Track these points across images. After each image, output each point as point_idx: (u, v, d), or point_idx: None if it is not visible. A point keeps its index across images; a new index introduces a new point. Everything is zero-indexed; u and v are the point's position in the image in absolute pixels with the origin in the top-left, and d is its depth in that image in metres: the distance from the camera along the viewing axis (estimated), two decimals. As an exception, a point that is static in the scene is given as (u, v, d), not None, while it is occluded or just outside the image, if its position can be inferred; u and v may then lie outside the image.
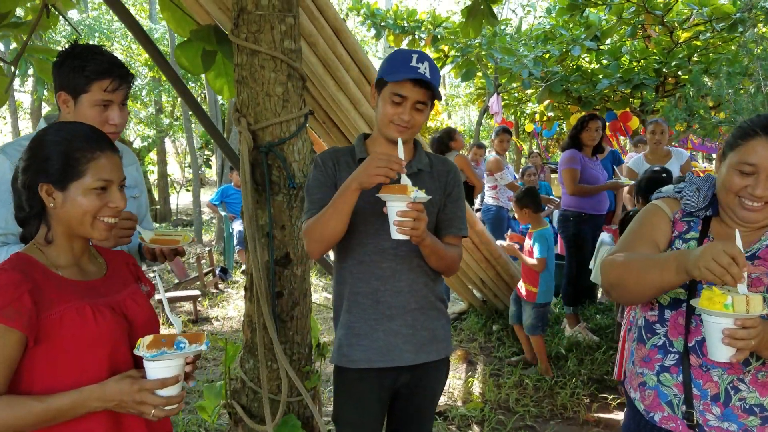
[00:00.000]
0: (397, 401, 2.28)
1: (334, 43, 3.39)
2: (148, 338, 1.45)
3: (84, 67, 2.05)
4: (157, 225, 13.95)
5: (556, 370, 4.69)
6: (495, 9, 4.82)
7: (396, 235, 1.88)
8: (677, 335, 1.77)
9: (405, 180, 1.89)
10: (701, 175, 2.28)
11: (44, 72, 3.75)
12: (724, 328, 1.49)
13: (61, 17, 3.88)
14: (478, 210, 7.37)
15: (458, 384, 4.57)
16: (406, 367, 2.19)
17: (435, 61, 9.65)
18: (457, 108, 27.28)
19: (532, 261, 4.57)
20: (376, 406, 2.20)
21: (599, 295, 6.53)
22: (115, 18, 12.47)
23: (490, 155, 7.28)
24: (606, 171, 5.85)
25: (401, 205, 1.84)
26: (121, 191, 1.56)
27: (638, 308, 1.94)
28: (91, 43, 2.23)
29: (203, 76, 3.89)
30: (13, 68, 3.24)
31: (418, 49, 2.12)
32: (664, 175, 3.98)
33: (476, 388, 4.52)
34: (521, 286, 4.77)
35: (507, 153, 7.31)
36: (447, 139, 6.55)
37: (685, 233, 1.86)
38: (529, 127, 15.50)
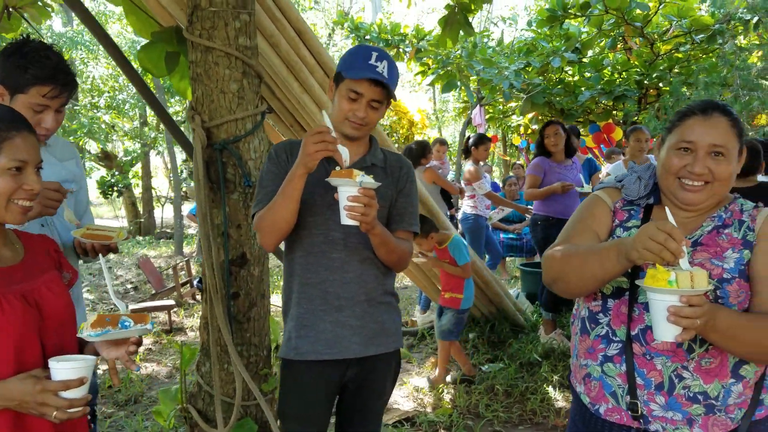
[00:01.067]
0: (344, 395, 2.25)
1: (297, 45, 3.38)
2: (92, 317, 1.43)
3: (27, 69, 2.01)
4: (140, 238, 13.89)
5: (528, 377, 4.64)
6: (475, 20, 4.85)
7: (346, 220, 1.87)
8: (620, 324, 1.74)
9: (345, 154, 1.91)
10: None
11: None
12: (669, 306, 1.44)
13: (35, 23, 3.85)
14: (452, 217, 7.35)
15: (429, 391, 4.52)
16: (354, 360, 2.16)
17: (419, 75, 9.67)
18: (447, 123, 27.41)
19: (458, 269, 4.61)
20: (322, 399, 2.17)
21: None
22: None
23: (468, 164, 7.25)
24: (583, 179, 5.86)
25: (352, 191, 1.83)
26: (37, 174, 1.52)
27: (582, 300, 1.91)
28: (55, 47, 2.18)
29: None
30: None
31: (379, 47, 2.13)
32: None
33: (447, 394, 4.47)
34: (445, 295, 4.76)
35: (486, 161, 7.30)
36: (419, 153, 6.54)
37: (626, 221, 1.84)
38: (517, 140, 15.57)
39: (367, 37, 10.83)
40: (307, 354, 2.12)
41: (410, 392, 4.51)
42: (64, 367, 1.42)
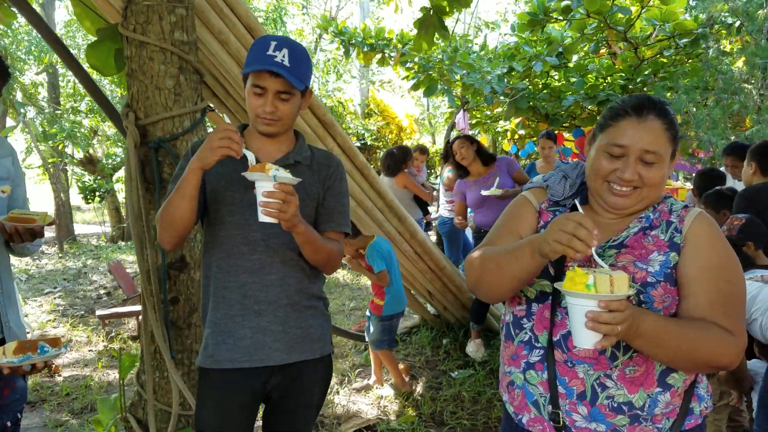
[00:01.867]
0: (269, 405, 2.14)
1: (247, 42, 3.28)
2: (12, 344, 1.43)
3: None
4: (122, 243, 13.75)
5: (497, 384, 4.53)
6: (459, 25, 4.76)
7: (263, 217, 1.76)
8: (542, 329, 1.64)
9: (250, 158, 1.80)
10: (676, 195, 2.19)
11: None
12: (587, 311, 1.34)
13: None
14: (428, 224, 7.24)
15: (394, 399, 4.40)
16: (277, 368, 2.05)
17: (404, 80, 9.54)
18: (440, 128, 27.34)
19: (373, 276, 4.45)
20: (238, 410, 2.05)
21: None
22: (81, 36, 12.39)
23: (448, 171, 7.13)
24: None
25: (267, 186, 1.72)
26: None
27: (507, 304, 1.81)
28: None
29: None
30: None
31: (282, 36, 2.01)
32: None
33: (413, 402, 4.36)
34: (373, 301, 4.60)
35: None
36: (401, 158, 6.44)
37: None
38: (507, 146, 15.48)
39: (352, 41, 10.74)
40: (225, 362, 2.01)
41: (375, 400, 4.40)
42: None
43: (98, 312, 6.24)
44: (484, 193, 4.89)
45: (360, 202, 4.39)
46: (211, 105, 2.82)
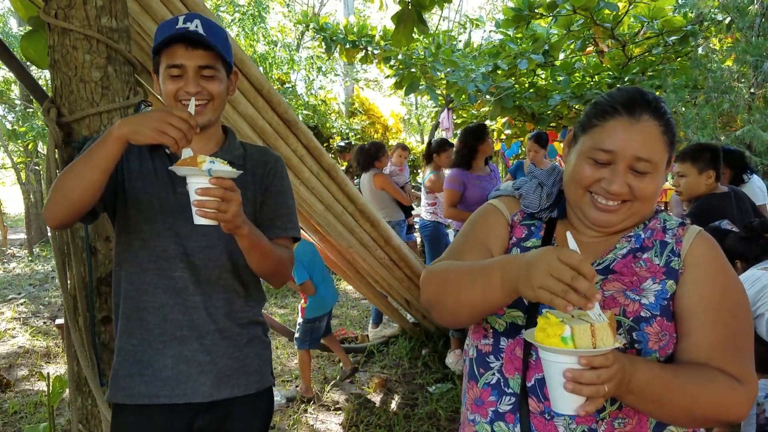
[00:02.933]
0: None
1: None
2: None
3: None
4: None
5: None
6: (443, 23, 4.50)
7: (198, 219, 1.45)
8: (513, 371, 1.34)
9: (186, 153, 1.45)
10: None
11: None
12: (565, 370, 1.06)
13: None
14: (410, 227, 6.93)
15: (367, 417, 4.11)
16: (205, 405, 1.74)
17: (389, 78, 9.24)
18: (427, 127, 27.06)
19: (297, 287, 4.37)
20: None
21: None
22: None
23: (429, 172, 6.83)
24: None
25: (201, 182, 1.41)
26: None
27: (470, 333, 1.51)
28: None
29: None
30: None
31: (191, 13, 1.70)
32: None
33: (386, 420, 4.07)
34: None
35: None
36: (374, 152, 6.16)
37: (524, 240, 1.44)
38: (496, 146, 15.23)
39: (334, 38, 10.44)
40: (141, 397, 1.70)
41: (346, 420, 4.10)
42: None
43: (58, 321, 5.90)
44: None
45: (329, 206, 4.08)
46: (147, 101, 2.51)
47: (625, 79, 9.41)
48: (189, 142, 1.45)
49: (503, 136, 12.89)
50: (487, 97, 9.27)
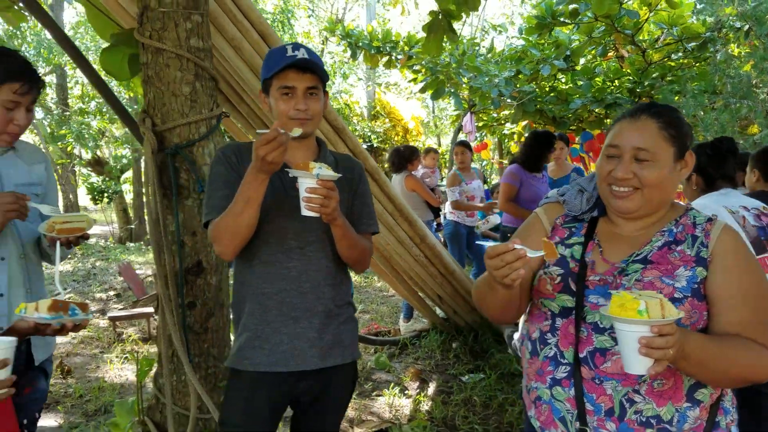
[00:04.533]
0: (298, 410, 2.18)
1: (261, 48, 3.30)
2: (47, 301, 1.49)
3: None
4: (130, 245, 13.78)
5: (508, 388, 4.54)
6: (467, 28, 4.78)
7: (305, 211, 1.83)
8: (568, 345, 1.65)
9: (296, 132, 1.86)
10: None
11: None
12: (640, 337, 1.33)
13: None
14: (438, 225, 7.24)
15: (406, 403, 4.42)
16: (310, 373, 2.08)
17: (411, 82, 9.58)
18: (445, 131, 27.34)
19: None
20: (266, 411, 2.07)
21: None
22: (89, 38, 12.44)
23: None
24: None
25: (310, 182, 1.79)
26: None
27: (530, 320, 1.82)
28: (23, 51, 2.23)
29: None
30: None
31: (293, 42, 2.06)
32: None
33: (424, 406, 4.37)
34: None
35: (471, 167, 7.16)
36: (408, 155, 6.47)
37: (567, 239, 1.77)
38: (515, 148, 15.47)
39: (359, 44, 10.76)
40: (261, 365, 2.04)
41: (387, 403, 4.41)
42: None
43: (109, 314, 6.27)
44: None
45: (371, 206, 4.39)
46: (226, 111, 2.83)
47: (645, 84, 9.64)
48: (286, 149, 1.78)
49: (523, 139, 13.13)
50: (509, 101, 9.53)
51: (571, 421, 1.61)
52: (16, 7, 4.25)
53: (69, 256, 11.58)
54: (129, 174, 14.91)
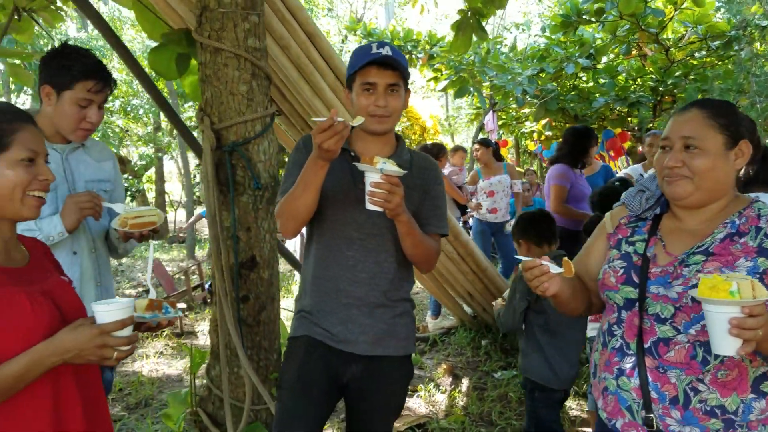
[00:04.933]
0: (349, 398, 2.20)
1: (307, 48, 3.36)
2: (144, 302, 1.58)
3: (71, 66, 2.21)
4: (154, 242, 13.88)
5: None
6: (488, 27, 4.81)
7: (369, 206, 1.86)
8: (633, 336, 1.70)
9: (357, 121, 1.87)
10: None
11: (18, 76, 3.73)
12: (731, 318, 1.35)
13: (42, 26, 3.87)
14: (465, 223, 7.29)
15: (441, 398, 4.46)
16: (361, 358, 2.12)
17: (432, 81, 9.62)
18: (459, 129, 27.30)
19: None
20: (320, 376, 2.11)
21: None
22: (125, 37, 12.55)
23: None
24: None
25: (375, 177, 1.82)
26: (47, 165, 1.54)
27: (604, 313, 1.88)
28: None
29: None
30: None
31: (380, 40, 2.10)
32: (617, 183, 3.85)
33: (460, 401, 4.42)
34: None
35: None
36: (435, 153, 6.52)
37: (630, 236, 1.84)
38: (532, 146, 15.47)
39: (380, 43, 10.81)
40: (317, 334, 2.11)
41: (423, 398, 4.46)
42: (113, 309, 1.44)
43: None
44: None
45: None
46: (280, 110, 2.89)
47: (668, 82, 9.63)
48: (344, 138, 1.81)
49: (543, 137, 13.14)
50: (529, 99, 9.55)
51: (637, 410, 1.66)
52: (52, 7, 4.34)
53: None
54: (151, 172, 15.05)
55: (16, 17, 3.31)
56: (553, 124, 11.70)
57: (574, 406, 4.24)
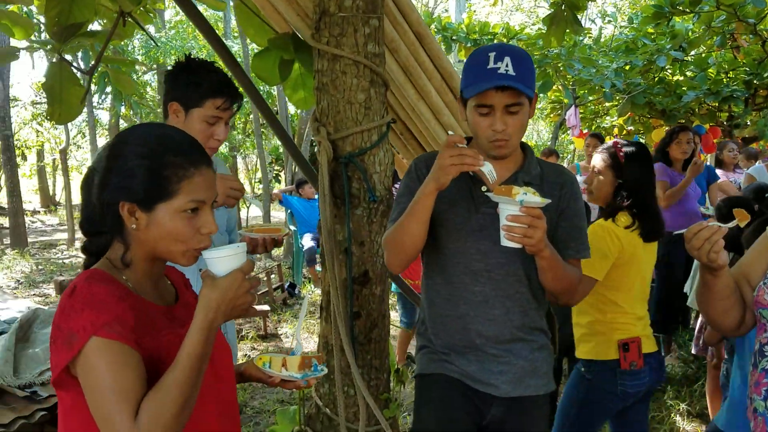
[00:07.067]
0: None
1: (416, 49, 3.20)
2: (297, 359, 1.48)
3: (200, 84, 2.18)
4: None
5: (651, 404, 4.31)
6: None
7: (505, 242, 1.65)
8: None
9: (487, 170, 1.67)
10: None
11: (121, 83, 3.71)
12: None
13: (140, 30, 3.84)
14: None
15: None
16: (502, 400, 1.94)
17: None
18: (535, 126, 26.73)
19: None
20: (465, 419, 1.93)
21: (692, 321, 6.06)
22: (191, 36, 12.73)
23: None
24: (700, 188, 5.44)
25: (512, 209, 1.60)
26: (212, 211, 1.37)
27: (756, 332, 1.73)
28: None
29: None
30: (88, 77, 3.20)
31: (498, 44, 1.87)
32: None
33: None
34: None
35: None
36: None
37: None
38: (608, 139, 14.94)
39: (454, 37, 10.58)
40: (453, 372, 1.93)
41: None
42: (228, 254, 1.28)
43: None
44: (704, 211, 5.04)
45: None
46: (396, 117, 2.75)
47: (764, 75, 9.09)
48: (474, 156, 1.64)
49: (624, 132, 12.65)
50: (618, 93, 9.18)
51: None
52: (142, 9, 4.32)
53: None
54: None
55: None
56: (635, 117, 11.22)
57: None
